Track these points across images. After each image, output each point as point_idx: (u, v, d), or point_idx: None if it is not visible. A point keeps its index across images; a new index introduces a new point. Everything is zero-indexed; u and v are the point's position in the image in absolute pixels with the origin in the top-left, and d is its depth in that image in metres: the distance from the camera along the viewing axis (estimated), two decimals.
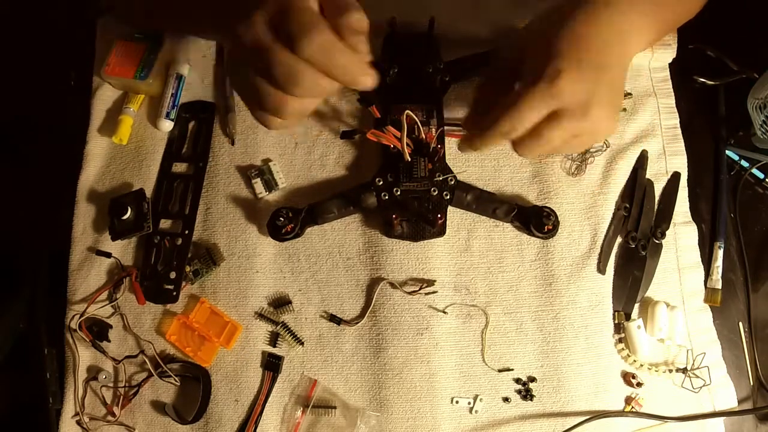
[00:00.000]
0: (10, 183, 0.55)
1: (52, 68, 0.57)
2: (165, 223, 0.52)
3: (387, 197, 0.49)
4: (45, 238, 0.53)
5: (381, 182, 0.49)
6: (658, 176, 0.53)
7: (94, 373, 0.50)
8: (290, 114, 0.36)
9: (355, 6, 0.35)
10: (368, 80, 0.36)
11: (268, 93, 0.35)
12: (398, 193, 0.48)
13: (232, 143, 0.53)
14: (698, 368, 0.48)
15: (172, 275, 0.50)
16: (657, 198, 0.53)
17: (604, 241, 0.51)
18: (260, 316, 0.50)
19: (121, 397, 0.50)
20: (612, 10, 0.40)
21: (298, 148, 0.53)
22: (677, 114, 0.54)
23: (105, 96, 0.55)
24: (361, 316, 0.50)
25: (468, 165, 0.52)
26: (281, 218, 0.48)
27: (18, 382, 0.50)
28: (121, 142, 0.53)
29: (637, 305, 0.50)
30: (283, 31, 0.34)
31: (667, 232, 0.52)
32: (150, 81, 0.53)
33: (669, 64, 0.56)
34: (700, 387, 0.48)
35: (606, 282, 0.50)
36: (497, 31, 0.54)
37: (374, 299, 0.50)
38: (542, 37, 0.39)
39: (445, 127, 0.51)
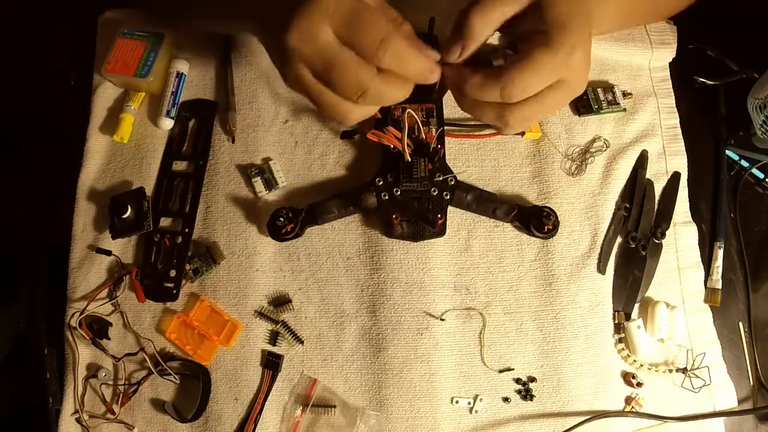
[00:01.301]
0: (9, 182, 0.54)
1: (52, 67, 0.56)
2: (165, 222, 0.51)
3: (387, 197, 0.48)
4: (45, 237, 0.52)
5: (381, 182, 0.48)
6: (658, 176, 0.52)
7: (93, 370, 0.49)
8: (354, 120, 0.38)
9: (402, 19, 0.37)
10: (436, 75, 0.38)
11: (334, 103, 0.36)
12: (398, 193, 0.48)
13: (233, 141, 0.52)
14: (698, 368, 0.48)
15: (172, 273, 0.50)
16: (657, 198, 0.52)
17: (604, 241, 0.50)
18: (260, 314, 0.50)
19: (121, 395, 0.49)
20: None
21: (298, 147, 0.53)
22: (677, 114, 0.54)
23: (106, 94, 0.54)
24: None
25: (468, 165, 0.52)
26: (281, 218, 0.48)
27: (18, 382, 0.49)
28: (123, 141, 0.52)
29: (637, 305, 0.50)
30: (355, 42, 0.35)
31: (667, 232, 0.51)
32: (150, 79, 0.52)
33: (669, 64, 0.55)
34: (700, 387, 0.47)
35: (606, 282, 0.50)
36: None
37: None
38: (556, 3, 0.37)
39: (445, 127, 0.50)
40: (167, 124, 0.53)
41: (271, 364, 0.49)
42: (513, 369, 0.48)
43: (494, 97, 0.37)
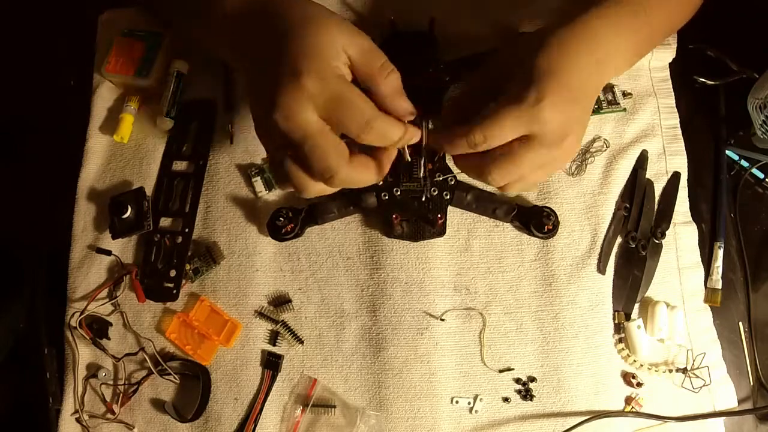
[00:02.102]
0: (9, 182, 0.54)
1: (52, 67, 0.55)
2: (165, 222, 0.51)
3: (387, 197, 0.47)
4: (45, 237, 0.52)
5: (381, 182, 0.47)
6: (658, 176, 0.52)
7: (93, 370, 0.49)
8: (313, 195, 0.38)
9: (391, 67, 0.37)
10: (415, 137, 0.39)
11: (298, 179, 0.37)
12: (398, 193, 0.47)
13: (231, 142, 0.52)
14: (698, 368, 0.47)
15: (172, 273, 0.49)
16: (657, 198, 0.51)
17: (604, 241, 0.50)
18: (260, 314, 0.49)
19: (121, 394, 0.48)
20: (593, 34, 0.39)
21: None
22: (677, 114, 0.53)
23: (105, 94, 0.54)
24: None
25: None
26: (281, 218, 0.47)
27: (18, 382, 0.49)
28: (123, 141, 0.52)
29: (637, 305, 0.49)
30: (339, 123, 0.35)
31: (667, 232, 0.50)
32: (150, 79, 0.51)
33: (669, 64, 0.54)
34: (700, 387, 0.47)
35: (606, 282, 0.49)
36: (497, 30, 0.53)
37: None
38: (528, 57, 0.38)
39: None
40: (167, 124, 0.52)
41: (271, 364, 0.48)
42: (513, 369, 0.47)
43: (464, 148, 0.38)
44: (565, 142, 0.38)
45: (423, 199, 0.47)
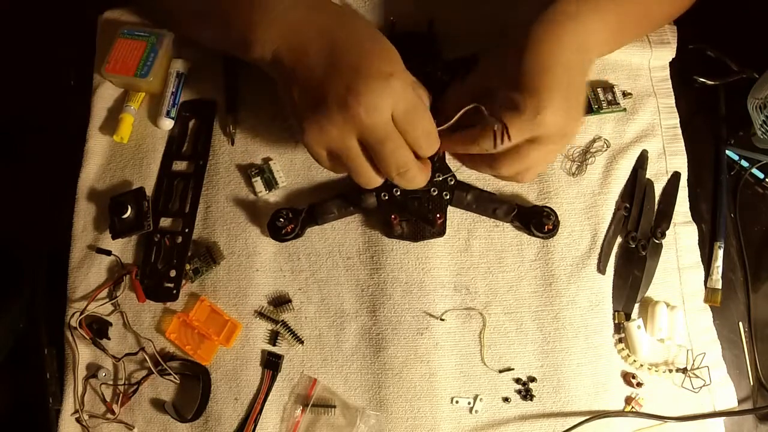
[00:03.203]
0: (9, 182, 0.53)
1: (52, 67, 0.54)
2: (165, 222, 0.50)
3: (387, 197, 0.46)
4: (45, 237, 0.50)
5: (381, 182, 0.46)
6: (658, 176, 0.50)
7: (93, 370, 0.48)
8: (374, 185, 0.42)
9: (434, 137, 0.41)
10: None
11: (369, 174, 0.41)
12: (398, 193, 0.46)
13: (232, 143, 0.51)
14: (698, 368, 0.46)
15: (172, 273, 0.48)
16: (657, 198, 0.50)
17: (604, 241, 0.49)
18: (260, 314, 0.48)
19: (121, 394, 0.47)
20: (574, 23, 0.40)
21: (298, 147, 0.51)
22: (677, 114, 0.52)
23: (106, 94, 0.52)
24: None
25: None
26: (281, 219, 0.46)
27: (18, 382, 0.48)
28: (122, 141, 0.50)
29: (637, 305, 0.48)
30: (407, 130, 0.38)
31: (667, 232, 0.49)
32: (151, 79, 0.50)
33: (669, 63, 0.53)
34: (700, 387, 0.46)
35: (606, 282, 0.48)
36: (497, 29, 0.52)
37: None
38: (518, 60, 0.39)
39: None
40: (167, 124, 0.51)
41: (271, 364, 0.47)
42: (513, 369, 0.46)
43: (476, 150, 0.40)
44: (568, 133, 0.39)
45: (428, 194, 0.47)
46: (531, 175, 0.42)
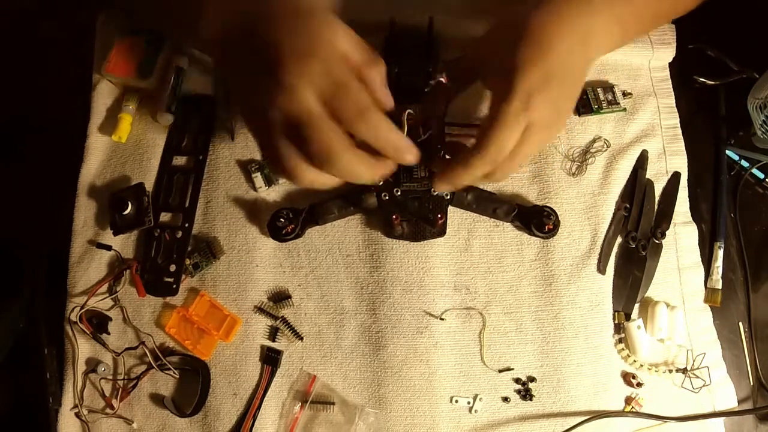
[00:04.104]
0: (9, 182, 0.51)
1: (52, 67, 0.52)
2: (165, 216, 0.48)
3: (387, 197, 0.44)
4: (45, 237, 0.48)
5: (381, 182, 0.45)
6: (658, 176, 0.49)
7: (93, 365, 0.46)
8: (307, 183, 0.35)
9: (379, 58, 0.35)
10: (412, 157, 0.36)
11: (294, 164, 0.34)
12: (398, 193, 0.44)
13: (232, 138, 0.49)
14: (698, 368, 0.44)
15: (172, 268, 0.46)
16: (657, 198, 0.48)
17: (604, 241, 0.47)
18: (260, 310, 0.46)
19: (120, 389, 0.45)
20: (576, 11, 0.37)
21: None
22: (677, 114, 0.50)
23: (105, 93, 0.50)
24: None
25: None
26: (282, 219, 0.45)
27: (18, 382, 0.46)
28: (120, 140, 0.48)
29: (637, 305, 0.46)
30: (336, 109, 0.33)
31: (667, 232, 0.47)
32: (150, 79, 0.48)
33: (669, 64, 0.51)
34: (700, 387, 0.44)
35: (606, 282, 0.46)
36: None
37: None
38: (507, 47, 0.36)
39: (446, 128, 0.47)
40: (167, 119, 0.49)
41: (271, 359, 0.45)
42: (513, 369, 0.44)
43: (485, 171, 0.37)
44: (559, 121, 0.37)
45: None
46: (511, 168, 0.38)
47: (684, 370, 0.44)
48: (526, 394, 0.44)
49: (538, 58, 0.35)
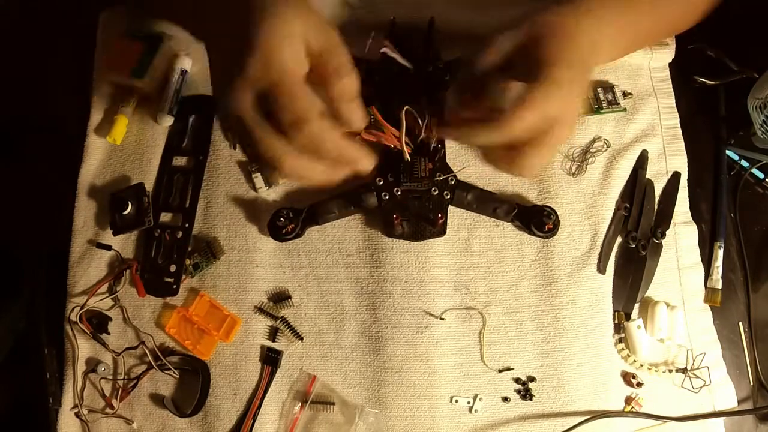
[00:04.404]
0: (9, 182, 0.50)
1: (52, 67, 0.52)
2: (165, 217, 0.47)
3: (387, 197, 0.44)
4: (45, 237, 0.48)
5: (381, 182, 0.44)
6: (658, 176, 0.48)
7: (93, 365, 0.45)
8: (276, 156, 0.33)
9: (346, 69, 0.33)
10: (366, 163, 0.33)
11: (263, 132, 0.32)
12: (399, 193, 0.44)
13: (233, 147, 0.48)
14: (698, 368, 0.44)
15: (172, 268, 0.46)
16: (657, 198, 0.48)
17: (604, 241, 0.46)
18: (260, 310, 0.46)
19: (120, 389, 0.45)
20: (591, 19, 0.37)
21: None
22: (677, 114, 0.49)
23: (104, 93, 0.50)
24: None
25: (468, 165, 0.48)
26: (282, 219, 0.44)
27: (18, 382, 0.46)
28: (115, 142, 0.48)
29: (637, 305, 0.45)
30: (273, 115, 0.31)
31: (667, 232, 0.47)
32: (146, 80, 0.48)
33: (669, 64, 0.50)
34: (700, 387, 0.43)
35: (606, 282, 0.46)
36: (497, 29, 0.50)
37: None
38: (538, 41, 0.36)
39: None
40: (168, 120, 0.48)
41: (271, 359, 0.45)
42: (513, 369, 0.44)
43: (497, 138, 0.35)
44: (575, 115, 0.36)
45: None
46: (540, 163, 0.37)
47: (684, 370, 0.44)
48: (526, 394, 0.44)
49: (565, 54, 0.35)
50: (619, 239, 0.47)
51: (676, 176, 0.49)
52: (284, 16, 0.32)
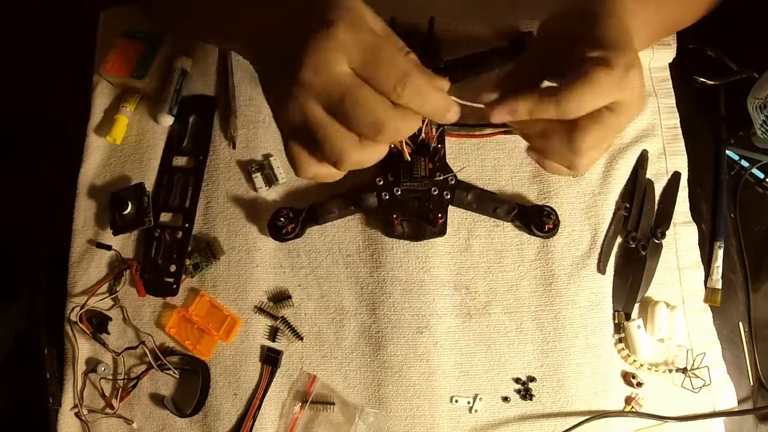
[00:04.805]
0: (9, 182, 0.50)
1: (52, 67, 0.51)
2: (165, 216, 0.47)
3: (387, 197, 0.44)
4: (45, 237, 0.48)
5: (381, 182, 0.44)
6: (658, 176, 0.48)
7: (93, 365, 0.45)
8: (354, 164, 0.32)
9: (408, 49, 0.32)
10: (454, 115, 0.33)
11: (341, 140, 0.31)
12: (399, 192, 0.44)
13: (233, 147, 0.48)
14: (698, 368, 0.43)
15: (172, 268, 0.46)
16: (657, 198, 0.47)
17: (604, 241, 0.46)
18: (260, 310, 0.45)
19: (120, 389, 0.45)
20: (629, 12, 0.36)
21: None
22: (677, 114, 0.49)
23: (104, 94, 0.49)
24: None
25: (468, 165, 0.47)
26: (282, 218, 0.44)
27: (18, 382, 0.45)
28: (115, 142, 0.48)
29: (637, 305, 0.45)
30: (372, 76, 0.30)
31: (667, 232, 0.46)
32: (146, 81, 0.47)
33: (669, 64, 0.50)
34: (700, 387, 0.43)
35: (606, 282, 0.45)
36: (496, 29, 0.50)
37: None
38: (602, 21, 0.34)
39: (446, 127, 0.46)
40: (168, 120, 0.48)
41: (271, 359, 0.44)
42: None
43: (550, 114, 0.33)
44: (640, 101, 0.35)
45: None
46: (594, 157, 0.35)
47: (684, 370, 0.44)
48: (526, 394, 0.43)
49: (628, 37, 0.34)
50: (619, 239, 0.47)
51: (676, 176, 0.48)
52: (354, 13, 0.31)
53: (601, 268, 0.46)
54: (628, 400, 0.44)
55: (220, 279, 0.46)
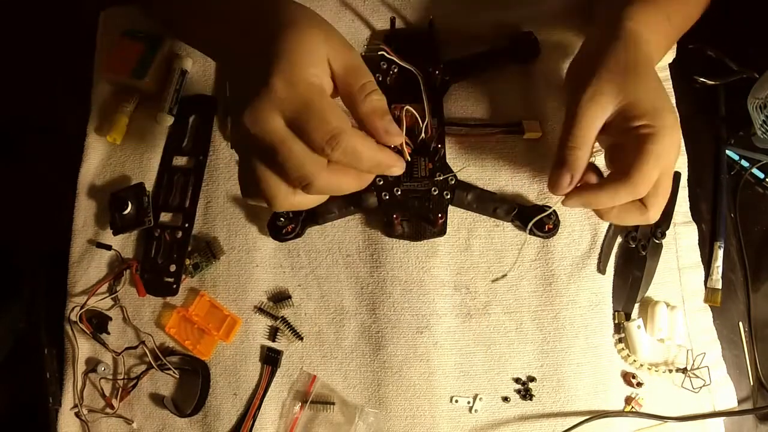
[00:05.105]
0: (9, 182, 0.50)
1: (52, 67, 0.51)
2: (165, 216, 0.47)
3: (387, 197, 0.43)
4: (44, 237, 0.48)
5: (381, 182, 0.44)
6: None
7: (93, 365, 0.45)
8: (285, 207, 0.34)
9: (373, 86, 0.33)
10: (397, 170, 0.34)
11: (269, 184, 0.32)
12: (399, 192, 0.44)
13: (232, 146, 0.48)
14: (698, 368, 0.43)
15: (172, 268, 0.45)
16: None
17: (604, 241, 0.46)
18: (260, 310, 0.45)
19: (120, 389, 0.45)
20: (645, 44, 0.38)
21: None
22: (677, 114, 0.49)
23: (104, 93, 0.49)
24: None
25: (468, 165, 0.47)
26: (282, 218, 0.44)
27: (18, 382, 0.45)
28: (115, 142, 0.48)
29: (637, 305, 0.45)
30: (304, 133, 0.31)
31: (667, 232, 0.46)
32: (146, 81, 0.47)
33: (669, 64, 0.50)
34: (700, 387, 0.43)
35: (606, 282, 0.45)
36: (496, 29, 0.50)
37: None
38: (628, 82, 0.36)
39: (445, 127, 0.46)
40: (168, 120, 0.48)
41: (271, 359, 0.44)
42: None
43: (627, 198, 0.36)
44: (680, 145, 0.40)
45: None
46: (663, 205, 0.38)
47: (684, 370, 0.43)
48: (526, 394, 0.43)
49: (657, 86, 0.37)
50: (619, 239, 0.46)
51: (676, 176, 0.48)
52: (309, 35, 0.32)
53: (601, 268, 0.45)
54: (628, 400, 0.44)
55: (220, 279, 0.46)
